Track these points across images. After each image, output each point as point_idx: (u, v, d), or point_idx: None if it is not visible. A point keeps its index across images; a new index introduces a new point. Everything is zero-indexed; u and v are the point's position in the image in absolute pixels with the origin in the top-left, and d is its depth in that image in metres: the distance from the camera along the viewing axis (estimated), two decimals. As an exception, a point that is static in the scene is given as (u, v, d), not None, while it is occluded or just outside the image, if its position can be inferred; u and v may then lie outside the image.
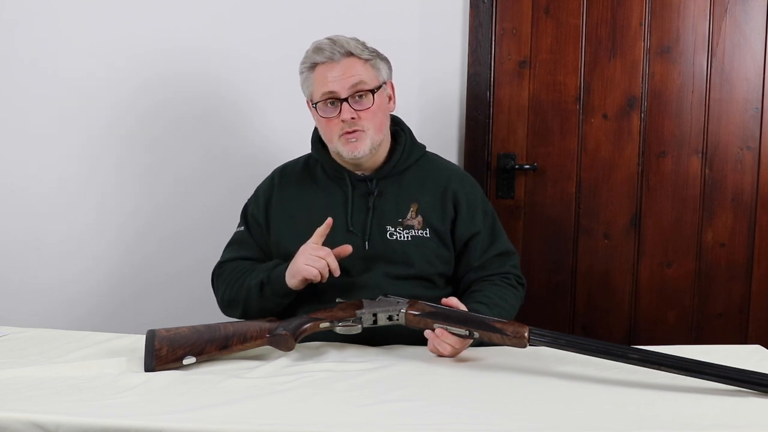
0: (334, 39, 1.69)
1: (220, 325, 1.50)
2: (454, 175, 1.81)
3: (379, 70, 1.71)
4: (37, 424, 1.14)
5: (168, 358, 1.43)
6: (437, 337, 1.48)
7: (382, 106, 1.71)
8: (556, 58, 2.31)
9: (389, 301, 1.53)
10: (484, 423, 1.17)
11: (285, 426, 1.15)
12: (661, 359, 1.36)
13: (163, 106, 2.29)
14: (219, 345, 1.47)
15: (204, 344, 1.46)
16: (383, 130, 1.73)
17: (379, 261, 1.69)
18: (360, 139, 1.68)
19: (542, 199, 2.36)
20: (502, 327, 1.44)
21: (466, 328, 1.46)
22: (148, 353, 1.43)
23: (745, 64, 2.26)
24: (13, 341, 1.61)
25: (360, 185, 1.75)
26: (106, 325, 2.11)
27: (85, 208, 2.31)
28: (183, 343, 1.45)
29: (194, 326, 1.49)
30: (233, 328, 1.49)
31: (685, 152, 2.30)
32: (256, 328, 1.51)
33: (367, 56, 1.69)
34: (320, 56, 1.68)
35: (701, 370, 1.33)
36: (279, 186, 1.81)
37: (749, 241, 2.31)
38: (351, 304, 1.54)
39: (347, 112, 1.66)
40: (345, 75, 1.66)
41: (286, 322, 1.52)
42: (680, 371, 1.34)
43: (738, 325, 2.34)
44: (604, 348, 1.39)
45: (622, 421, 1.19)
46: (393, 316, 1.51)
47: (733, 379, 1.32)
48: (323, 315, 1.53)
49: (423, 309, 1.50)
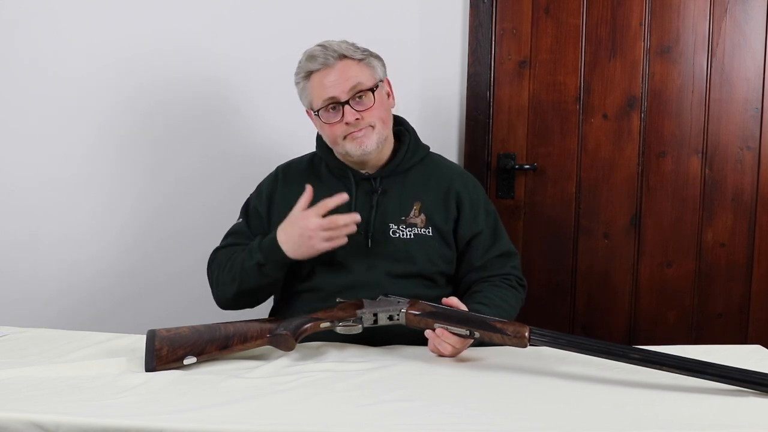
0: (325, 45, 1.70)
1: (220, 325, 1.50)
2: (458, 175, 1.82)
3: (374, 69, 1.72)
4: (37, 424, 1.14)
5: (168, 358, 1.43)
6: (438, 337, 1.48)
7: (383, 103, 1.72)
8: (556, 58, 2.31)
9: (390, 301, 1.53)
10: (484, 423, 1.17)
11: (285, 426, 1.15)
12: (662, 359, 1.36)
13: (163, 106, 2.29)
14: (219, 345, 1.47)
15: (204, 344, 1.46)
16: (388, 125, 1.74)
17: (382, 258, 1.70)
18: (367, 135, 1.69)
19: (542, 199, 2.36)
20: (502, 327, 1.44)
21: (466, 328, 1.46)
22: (148, 353, 1.43)
23: (745, 64, 2.26)
24: (13, 341, 1.61)
25: (364, 183, 1.75)
26: (106, 325, 2.11)
27: (84, 208, 2.32)
28: (183, 343, 1.45)
29: (194, 326, 1.49)
30: (234, 329, 1.49)
31: (685, 152, 2.31)
32: (256, 328, 1.51)
33: (360, 56, 1.70)
34: (314, 64, 1.68)
35: (703, 370, 1.33)
36: (283, 182, 1.81)
37: (749, 241, 2.31)
38: (351, 304, 1.54)
39: (350, 114, 1.67)
40: (342, 78, 1.67)
41: (286, 322, 1.52)
42: (682, 371, 1.34)
43: (738, 325, 2.34)
44: (605, 348, 1.39)
45: (622, 421, 1.19)
46: (393, 315, 1.51)
47: (735, 379, 1.31)
48: (324, 315, 1.52)
49: (423, 309, 1.50)
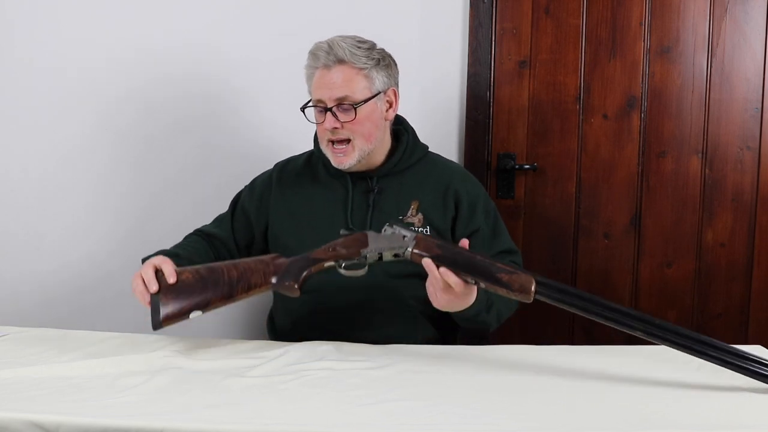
0: (332, 44, 1.67)
1: (222, 267, 1.48)
2: (456, 174, 1.82)
3: (372, 80, 1.68)
4: (37, 424, 1.14)
5: (174, 315, 1.43)
6: (438, 278, 1.42)
7: (371, 116, 1.69)
8: (556, 58, 2.31)
9: (395, 237, 1.46)
10: (484, 423, 1.17)
11: (285, 426, 1.15)
12: (664, 334, 1.34)
13: (160, 105, 2.28)
14: (224, 295, 1.45)
15: (209, 296, 1.45)
16: (373, 140, 1.71)
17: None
18: (346, 153, 1.69)
19: (542, 199, 2.36)
20: (509, 281, 1.37)
21: (471, 277, 1.40)
22: (154, 311, 1.43)
23: (745, 64, 2.26)
24: (13, 341, 1.60)
25: (360, 183, 1.76)
26: (106, 324, 2.11)
27: (82, 205, 2.31)
28: (188, 296, 1.44)
29: (197, 271, 1.47)
30: (237, 273, 1.47)
31: (685, 152, 2.31)
32: (259, 273, 1.47)
33: (362, 65, 1.67)
34: (316, 62, 1.68)
35: (703, 351, 1.33)
36: (278, 181, 1.81)
37: (749, 241, 2.31)
38: (355, 239, 1.48)
39: (329, 121, 1.67)
40: (332, 85, 1.66)
41: (289, 263, 1.49)
42: (680, 347, 1.33)
43: (738, 325, 2.34)
44: (610, 313, 1.35)
45: (624, 420, 1.19)
46: (399, 254, 1.45)
47: (734, 365, 1.32)
48: (326, 255, 1.48)
49: (430, 249, 1.42)
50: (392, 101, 1.75)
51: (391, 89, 1.74)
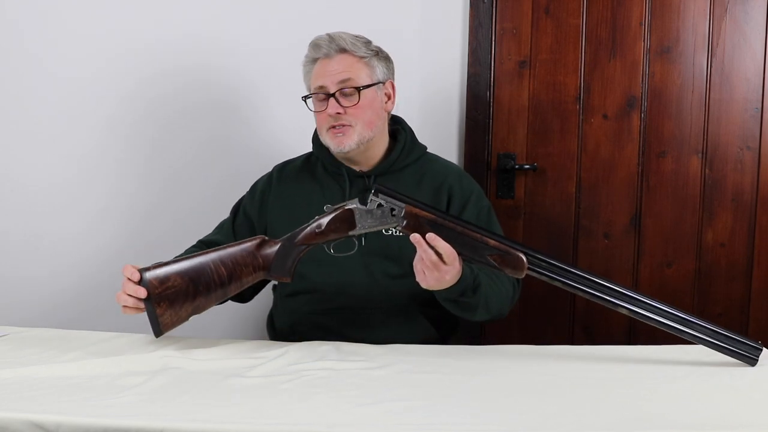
0: (332, 36, 1.72)
1: (209, 265, 1.49)
2: (453, 172, 1.83)
3: (373, 69, 1.73)
4: (37, 424, 1.14)
5: (173, 322, 1.48)
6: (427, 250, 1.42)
7: (372, 104, 1.72)
8: (556, 58, 2.31)
9: (384, 212, 1.46)
10: (484, 423, 1.17)
11: (285, 426, 1.15)
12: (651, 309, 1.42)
13: (164, 101, 2.28)
14: (218, 297, 1.50)
15: (203, 300, 1.48)
16: (373, 128, 1.73)
17: (375, 257, 1.70)
18: (346, 134, 1.70)
19: (542, 199, 2.36)
20: (500, 265, 1.41)
21: (462, 256, 1.44)
22: (152, 322, 1.48)
23: (745, 64, 2.26)
24: (13, 341, 1.60)
25: (357, 181, 1.76)
26: (106, 324, 2.11)
27: (84, 206, 2.31)
28: (183, 302, 1.47)
29: (184, 271, 1.48)
30: (225, 271, 1.48)
31: (685, 152, 2.31)
32: (249, 267, 1.49)
33: (363, 54, 1.72)
34: (317, 52, 1.72)
35: (689, 327, 1.42)
36: (277, 181, 1.83)
37: (749, 241, 2.31)
38: (342, 219, 1.48)
39: (332, 106, 1.69)
40: (335, 71, 1.70)
41: (277, 255, 1.50)
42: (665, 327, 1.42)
43: (738, 325, 2.33)
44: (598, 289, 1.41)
45: (624, 420, 1.18)
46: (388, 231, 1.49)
47: (717, 344, 1.40)
48: (313, 239, 1.50)
49: (420, 228, 1.43)
50: (390, 94, 1.78)
51: (389, 81, 1.78)
